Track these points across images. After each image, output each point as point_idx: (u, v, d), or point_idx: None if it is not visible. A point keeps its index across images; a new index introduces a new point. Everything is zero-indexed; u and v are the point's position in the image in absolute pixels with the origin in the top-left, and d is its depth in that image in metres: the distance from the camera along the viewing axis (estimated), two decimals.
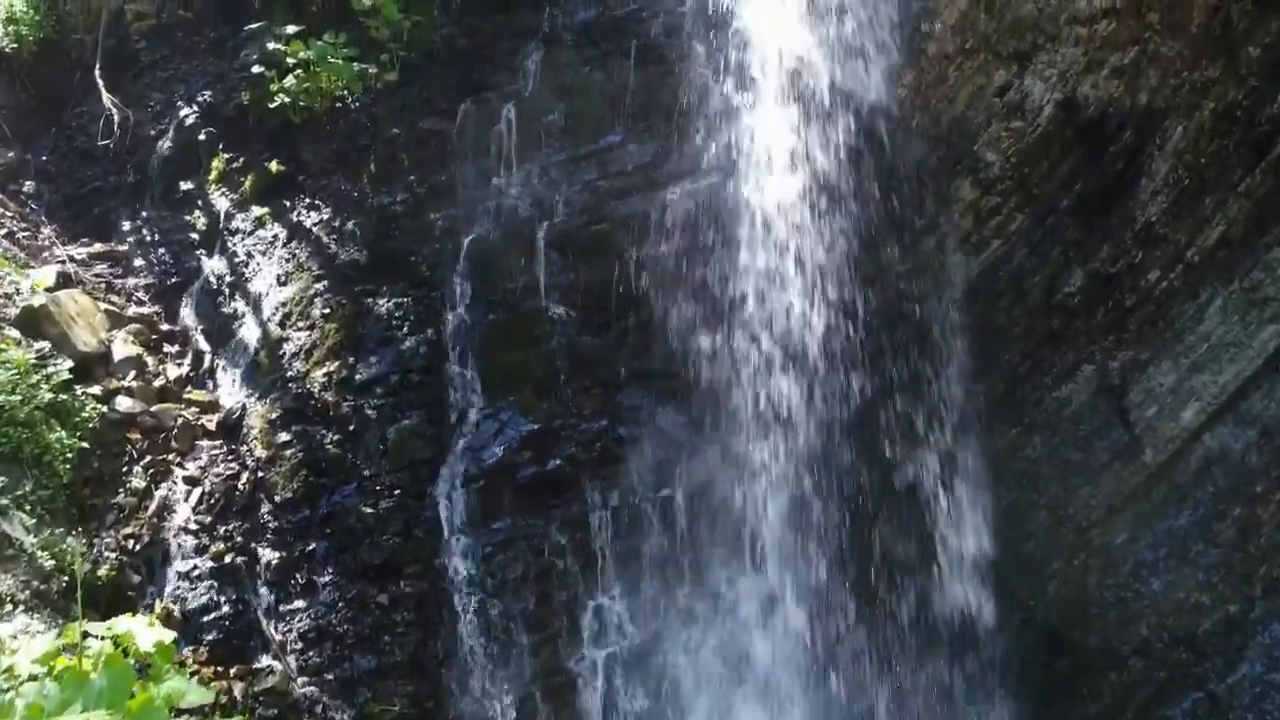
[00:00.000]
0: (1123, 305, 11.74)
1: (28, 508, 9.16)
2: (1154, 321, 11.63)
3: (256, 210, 13.06)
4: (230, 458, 10.94)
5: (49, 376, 10.14)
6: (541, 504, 11.11)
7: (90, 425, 10.22)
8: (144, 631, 6.06)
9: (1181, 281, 11.55)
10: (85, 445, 10.06)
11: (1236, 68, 11.07)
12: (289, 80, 13.08)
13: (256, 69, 13.52)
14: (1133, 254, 11.65)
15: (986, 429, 11.80)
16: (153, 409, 10.97)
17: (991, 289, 12.11)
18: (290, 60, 13.12)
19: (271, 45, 13.41)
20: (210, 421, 11.20)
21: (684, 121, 12.57)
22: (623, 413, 11.71)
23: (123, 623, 6.14)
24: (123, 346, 11.35)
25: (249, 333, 12.11)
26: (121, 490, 10.27)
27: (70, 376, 10.39)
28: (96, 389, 10.75)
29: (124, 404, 10.86)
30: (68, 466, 9.74)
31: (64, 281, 11.83)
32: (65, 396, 10.14)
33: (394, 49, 13.58)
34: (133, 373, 11.22)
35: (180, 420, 11.04)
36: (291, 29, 13.60)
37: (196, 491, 10.49)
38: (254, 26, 14.37)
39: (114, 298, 12.46)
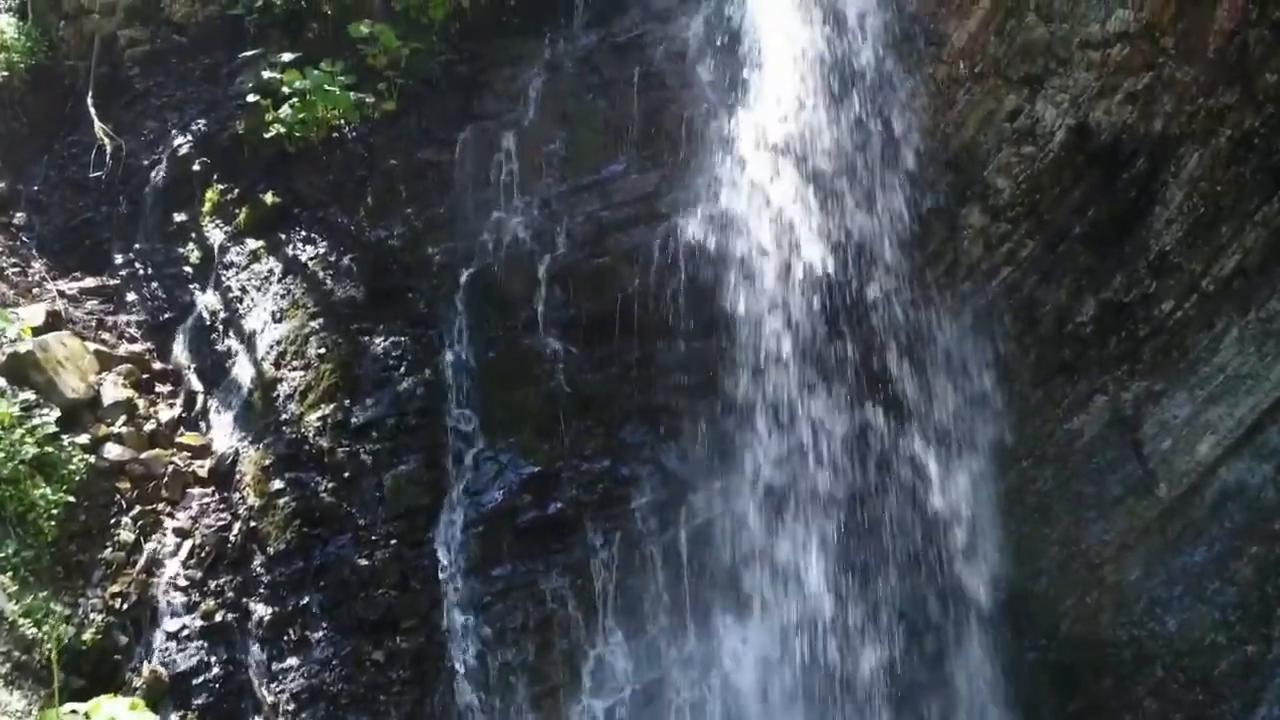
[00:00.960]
0: (1136, 335, 11.52)
1: (10, 571, 8.88)
2: (1168, 351, 11.40)
3: (251, 243, 12.79)
4: (222, 506, 10.68)
5: (34, 429, 9.86)
6: (542, 548, 10.85)
7: (78, 478, 9.94)
8: (125, 716, 5.79)
9: (1196, 311, 11.32)
10: (72, 499, 9.78)
11: (1254, 94, 10.84)
12: (284, 110, 12.82)
13: (251, 98, 13.28)
14: (1146, 283, 11.44)
15: (998, 461, 11.57)
16: (142, 456, 10.71)
17: (1001, 318, 11.89)
18: (286, 89, 12.83)
19: (267, 74, 13.15)
20: (202, 468, 10.94)
21: (688, 149, 12.33)
22: (625, 450, 11.47)
23: (104, 708, 5.87)
24: (113, 389, 11.09)
25: (243, 372, 11.85)
26: (109, 544, 10.00)
27: (57, 427, 10.12)
28: (84, 438, 10.46)
29: (113, 451, 10.60)
30: (53, 524, 9.48)
31: (53, 321, 11.55)
32: (51, 449, 9.87)
33: (392, 76, 13.35)
34: (123, 417, 10.96)
35: (171, 468, 10.78)
36: (287, 56, 13.39)
37: (187, 544, 10.22)
38: (249, 54, 14.14)
39: (105, 335, 12.20)
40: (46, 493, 9.50)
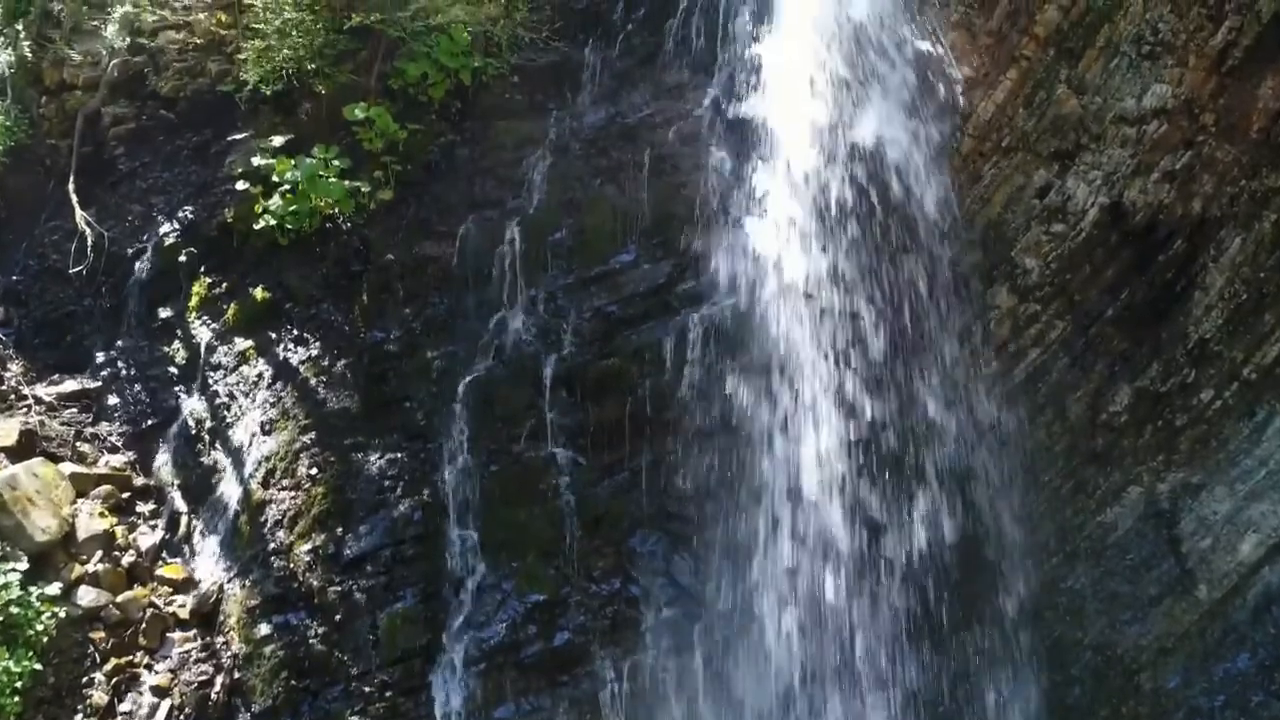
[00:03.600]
0: (1173, 424, 11.23)
1: None
2: (1206, 442, 11.14)
3: (240, 343, 12.24)
4: (204, 655, 10.01)
5: None
6: (548, 682, 10.33)
7: (46, 638, 9.24)
8: None
9: (1237, 400, 11.05)
10: (38, 667, 9.06)
11: None
12: (275, 201, 12.18)
13: (241, 185, 12.67)
14: (1185, 372, 11.17)
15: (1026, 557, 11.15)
16: (119, 599, 10.06)
17: (1030, 403, 11.53)
18: (276, 178, 12.18)
19: (257, 160, 12.50)
20: (183, 607, 10.27)
21: (701, 238, 11.76)
22: (636, 561, 10.98)
23: None
24: (88, 521, 10.44)
25: (229, 490, 11.25)
26: (80, 709, 9.29)
27: (23, 578, 9.44)
28: (55, 587, 9.79)
29: (86, 597, 9.95)
30: (17, 699, 8.76)
31: (26, 441, 10.91)
32: (17, 610, 9.20)
33: (389, 162, 12.70)
34: (99, 553, 10.32)
35: (149, 611, 10.12)
36: (278, 140, 12.79)
37: (165, 705, 9.54)
38: (239, 137, 13.51)
39: (84, 448, 11.58)
40: (9, 665, 8.77)
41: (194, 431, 11.96)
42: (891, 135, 11.62)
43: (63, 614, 9.70)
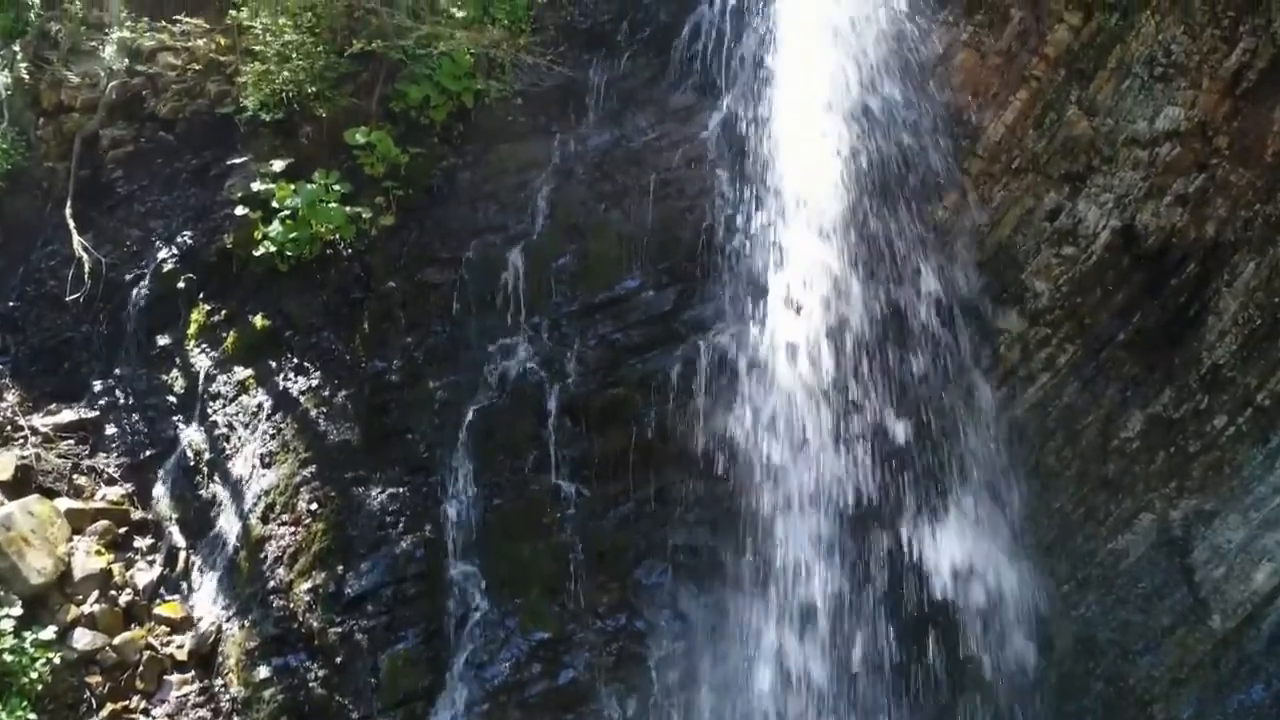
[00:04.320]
0: (1185, 451, 11.10)
1: None
2: (1219, 468, 11.03)
3: (240, 372, 12.04)
4: (202, 699, 9.84)
5: None
6: None
7: (40, 685, 9.05)
8: None
9: (1251, 427, 10.93)
10: (33, 716, 8.87)
11: None
12: (275, 227, 11.98)
13: (241, 210, 12.47)
14: (1198, 398, 11.06)
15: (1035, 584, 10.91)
16: (115, 641, 9.87)
17: (1040, 428, 11.36)
18: (276, 204, 12.01)
19: (257, 185, 12.30)
20: (181, 648, 10.08)
21: (707, 263, 11.54)
22: (641, 595, 10.77)
23: None
24: (85, 560, 10.25)
25: (228, 525, 11.07)
26: None
27: (17, 623, 9.26)
28: (50, 631, 9.58)
29: (82, 640, 9.74)
30: None
31: (22, 476, 10.74)
32: (12, 658, 9.01)
33: (390, 187, 12.49)
34: (95, 593, 10.12)
35: (146, 654, 9.92)
36: (279, 164, 12.60)
37: None
38: (239, 161, 13.33)
39: (81, 479, 11.42)
40: (3, 715, 8.58)
41: (193, 463, 11.77)
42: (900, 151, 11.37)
43: (58, 659, 9.49)
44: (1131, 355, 11.19)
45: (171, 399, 12.36)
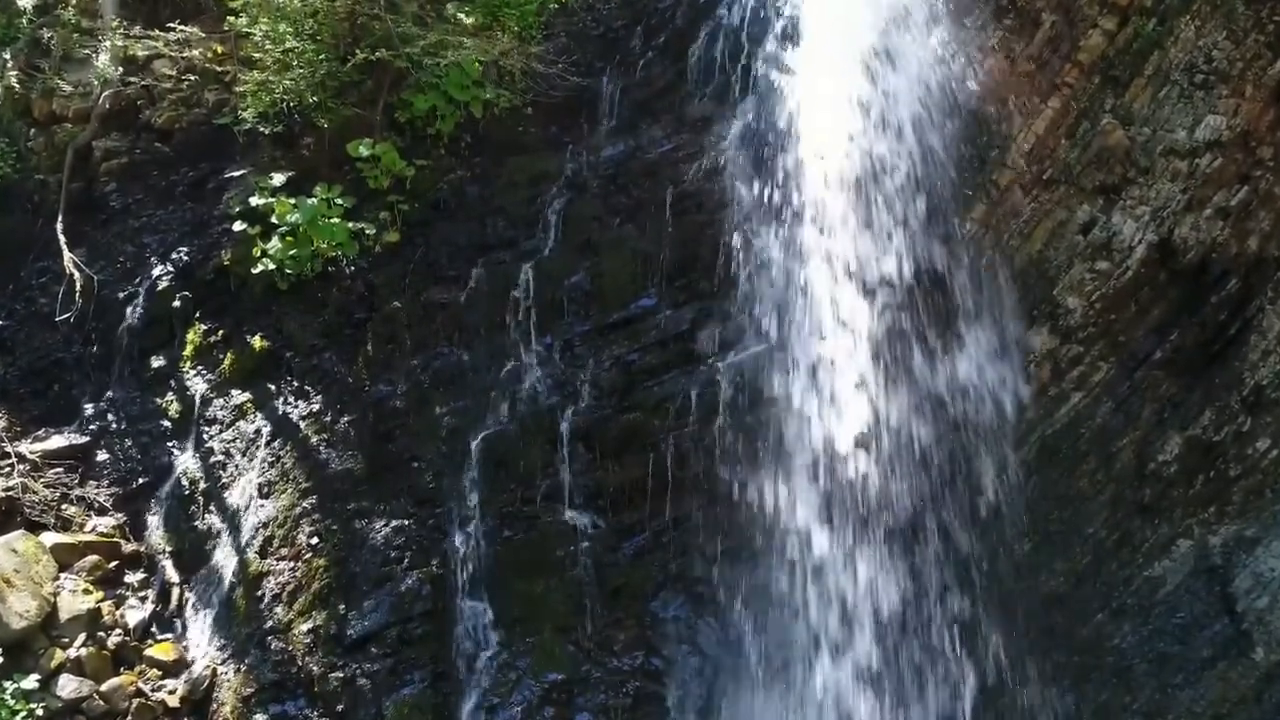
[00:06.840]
0: (1226, 475, 10.89)
1: None
2: (1260, 492, 10.91)
3: (237, 395, 11.63)
4: None
5: None
6: None
7: None
8: None
9: None
10: None
11: None
12: (274, 243, 11.56)
13: (238, 226, 12.05)
14: (1239, 420, 10.84)
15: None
16: (103, 687, 9.36)
17: (1073, 449, 11.12)
18: (276, 219, 11.60)
19: (255, 199, 11.86)
20: (173, 694, 9.57)
21: (726, 281, 11.23)
22: (658, 629, 10.42)
23: None
24: (71, 599, 9.75)
25: (224, 558, 10.62)
26: None
27: None
28: (33, 679, 9.06)
29: (68, 688, 9.22)
30: None
31: (8, 509, 10.30)
32: None
33: (395, 201, 12.11)
34: (82, 635, 9.62)
35: (136, 702, 9.41)
36: (278, 178, 12.13)
37: None
38: (237, 173, 12.94)
39: (70, 510, 10.95)
40: None
41: (187, 492, 11.33)
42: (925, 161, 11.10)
43: (40, 710, 9.01)
44: (1169, 375, 11.00)
45: (166, 424, 11.93)
